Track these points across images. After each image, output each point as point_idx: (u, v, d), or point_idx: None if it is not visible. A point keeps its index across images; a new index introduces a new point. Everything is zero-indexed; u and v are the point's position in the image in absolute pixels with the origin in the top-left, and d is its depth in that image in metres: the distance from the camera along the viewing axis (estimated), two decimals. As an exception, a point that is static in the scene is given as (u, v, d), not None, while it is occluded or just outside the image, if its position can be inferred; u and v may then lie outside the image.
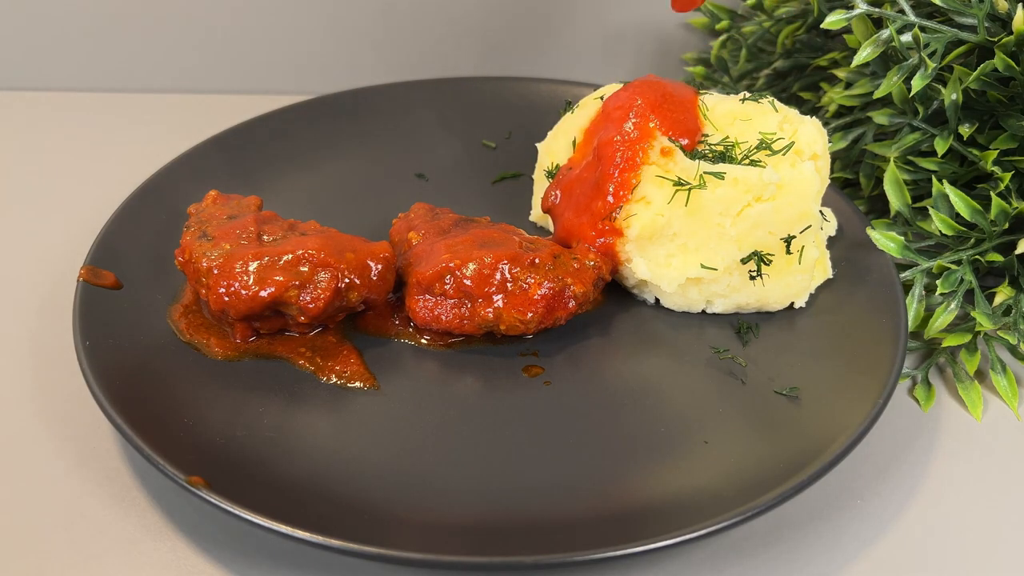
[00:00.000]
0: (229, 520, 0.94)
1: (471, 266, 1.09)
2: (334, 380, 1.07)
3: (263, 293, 1.04)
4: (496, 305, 1.08)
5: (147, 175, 1.27)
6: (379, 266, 1.09)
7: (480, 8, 1.63)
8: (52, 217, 1.35)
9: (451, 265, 1.09)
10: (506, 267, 1.09)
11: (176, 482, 0.91)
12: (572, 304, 1.10)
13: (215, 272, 1.05)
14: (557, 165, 1.23)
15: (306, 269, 1.05)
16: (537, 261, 1.10)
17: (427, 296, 1.10)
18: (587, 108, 1.24)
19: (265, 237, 1.09)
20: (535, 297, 1.09)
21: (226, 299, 1.04)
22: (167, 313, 1.12)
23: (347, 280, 1.06)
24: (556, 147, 1.25)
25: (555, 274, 1.10)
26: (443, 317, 1.10)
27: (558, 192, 1.20)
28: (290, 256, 1.05)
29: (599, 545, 0.87)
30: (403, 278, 1.13)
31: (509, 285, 1.09)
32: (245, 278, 1.04)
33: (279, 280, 1.04)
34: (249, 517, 0.88)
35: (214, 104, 1.62)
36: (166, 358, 1.07)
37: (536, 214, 1.29)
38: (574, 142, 1.22)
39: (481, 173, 1.39)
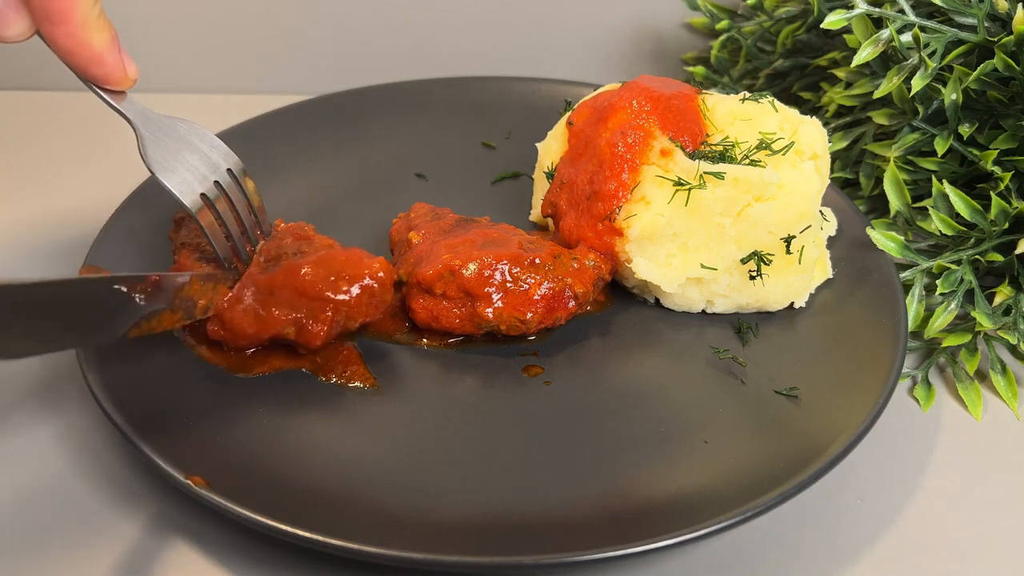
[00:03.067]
0: (229, 520, 0.94)
1: (472, 266, 1.09)
2: (334, 380, 1.07)
3: (261, 333, 1.03)
4: (496, 305, 1.09)
5: (147, 175, 1.27)
6: (376, 285, 1.05)
7: (480, 8, 1.63)
8: (52, 217, 1.35)
9: (452, 265, 1.09)
10: (506, 267, 1.09)
11: (176, 482, 0.91)
12: (572, 304, 1.10)
13: (208, 308, 1.04)
14: (557, 165, 1.23)
15: (301, 308, 1.03)
16: (537, 261, 1.10)
17: (427, 296, 1.10)
18: (583, 107, 1.24)
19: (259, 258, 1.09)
20: (535, 297, 1.09)
21: (223, 334, 1.04)
22: (167, 313, 1.12)
23: (344, 310, 1.04)
24: (556, 147, 1.25)
25: (555, 274, 1.10)
26: (443, 317, 1.10)
27: (559, 197, 1.20)
28: (283, 284, 1.04)
29: (599, 545, 0.87)
30: (403, 278, 1.13)
31: (509, 285, 1.09)
32: (240, 317, 1.03)
33: (274, 319, 1.03)
34: (249, 517, 0.88)
35: (214, 104, 1.62)
36: (166, 358, 1.07)
37: (536, 214, 1.29)
38: (567, 139, 1.23)
39: (481, 173, 1.39)
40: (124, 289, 0.92)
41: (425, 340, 1.12)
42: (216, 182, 1.09)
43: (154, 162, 1.06)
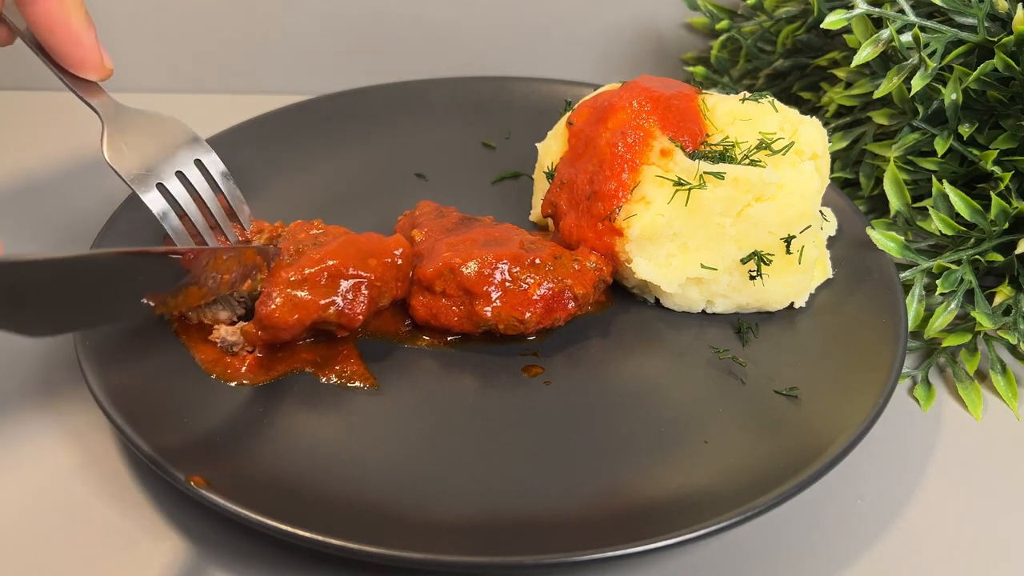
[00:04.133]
0: (229, 520, 0.94)
1: (471, 264, 1.09)
2: (334, 380, 1.07)
3: (302, 315, 1.03)
4: (494, 304, 1.09)
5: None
6: (400, 262, 1.09)
7: (480, 8, 1.63)
8: (52, 217, 1.35)
9: (452, 263, 1.09)
10: (506, 267, 1.09)
11: (176, 482, 0.91)
12: (572, 305, 1.10)
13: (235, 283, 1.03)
14: (557, 165, 1.23)
15: (336, 291, 1.05)
16: (537, 261, 1.10)
17: (427, 293, 1.10)
18: (583, 107, 1.24)
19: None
20: (534, 297, 1.09)
21: (264, 335, 1.04)
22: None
23: (378, 285, 1.07)
24: (556, 147, 1.25)
25: (555, 275, 1.10)
26: (442, 315, 1.10)
27: (559, 197, 1.20)
28: (315, 271, 1.05)
29: (599, 545, 0.87)
30: None
31: (508, 285, 1.09)
32: (279, 311, 1.03)
33: (314, 305, 1.04)
34: (249, 517, 0.88)
35: (214, 104, 1.62)
36: (165, 358, 1.07)
37: (536, 214, 1.29)
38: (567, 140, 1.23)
39: (481, 173, 1.39)
40: (150, 260, 0.90)
41: (426, 338, 1.12)
42: (180, 173, 1.09)
43: (110, 152, 1.07)
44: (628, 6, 1.63)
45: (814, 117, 1.21)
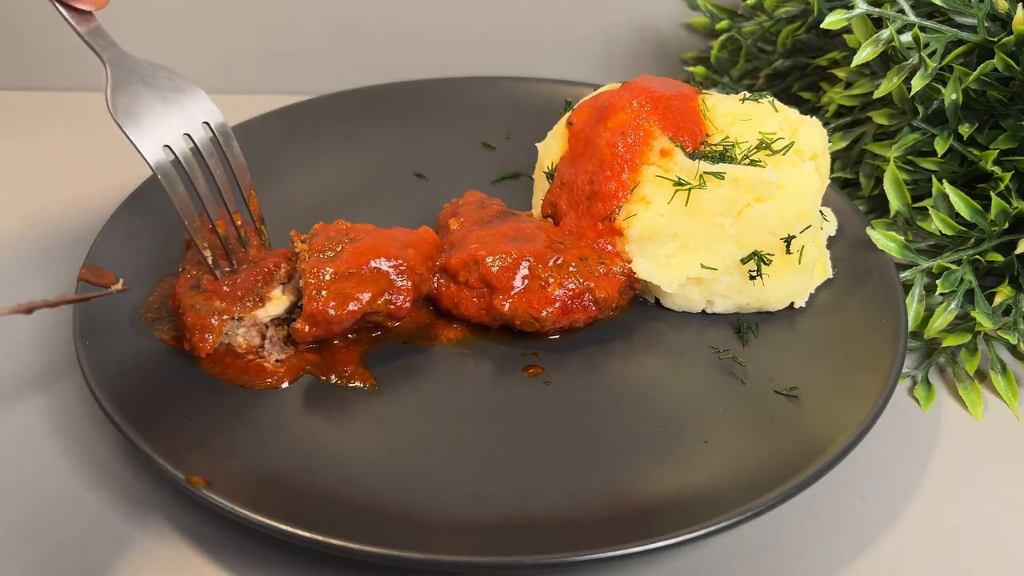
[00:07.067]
0: (229, 520, 0.94)
1: (496, 258, 1.10)
2: (334, 380, 1.07)
3: (354, 307, 1.04)
4: (512, 299, 1.09)
5: (147, 175, 1.27)
6: (432, 249, 1.12)
7: (481, 8, 1.63)
8: (52, 218, 1.35)
9: (477, 255, 1.10)
10: (528, 264, 1.10)
11: (176, 482, 0.91)
12: (592, 308, 1.11)
13: (315, 291, 1.04)
14: (557, 165, 1.23)
15: (382, 275, 1.06)
16: (560, 262, 1.11)
17: (452, 282, 1.12)
18: (583, 107, 1.24)
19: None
20: (552, 296, 1.09)
21: (316, 331, 1.04)
22: (167, 313, 1.12)
23: (419, 273, 1.09)
24: (556, 147, 1.25)
25: (577, 276, 1.11)
26: (463, 304, 1.12)
27: (559, 197, 1.20)
28: (360, 263, 1.06)
29: (599, 545, 0.87)
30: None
31: (529, 281, 1.10)
32: (331, 306, 1.04)
33: (364, 299, 1.04)
34: (249, 517, 0.88)
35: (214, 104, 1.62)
36: (166, 358, 1.07)
37: (536, 214, 1.29)
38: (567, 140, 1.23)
39: (481, 173, 1.39)
40: None
41: (444, 334, 1.13)
42: (187, 135, 1.02)
43: (118, 107, 0.99)
44: (628, 6, 1.63)
45: (814, 117, 1.21)
